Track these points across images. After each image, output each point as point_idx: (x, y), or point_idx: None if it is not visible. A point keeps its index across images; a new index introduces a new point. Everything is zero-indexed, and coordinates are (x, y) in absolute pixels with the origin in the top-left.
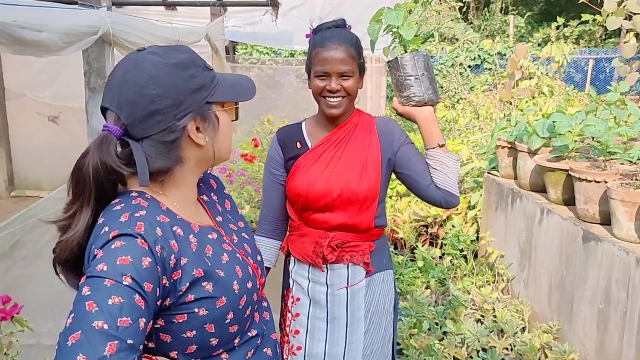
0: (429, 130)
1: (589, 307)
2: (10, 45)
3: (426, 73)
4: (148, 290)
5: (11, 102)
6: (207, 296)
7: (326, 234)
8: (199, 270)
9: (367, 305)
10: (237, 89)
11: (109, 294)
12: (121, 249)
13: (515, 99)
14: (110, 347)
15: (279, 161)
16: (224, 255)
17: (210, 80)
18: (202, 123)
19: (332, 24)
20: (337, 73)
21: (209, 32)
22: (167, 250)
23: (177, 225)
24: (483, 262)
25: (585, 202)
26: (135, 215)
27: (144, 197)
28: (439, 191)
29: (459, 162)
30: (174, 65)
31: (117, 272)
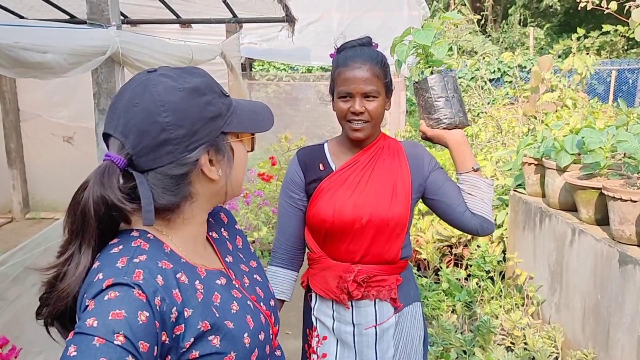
0: (462, 154)
1: (628, 335)
2: (11, 67)
3: (456, 95)
4: (143, 350)
5: (26, 122)
6: (214, 352)
7: (351, 268)
8: (205, 323)
9: (396, 343)
10: (254, 118)
11: (97, 355)
12: (115, 301)
13: (540, 113)
14: None
15: (299, 184)
16: (234, 303)
17: (227, 108)
18: (216, 155)
19: (356, 42)
20: (361, 94)
21: (224, 49)
22: (168, 302)
23: (181, 271)
24: (511, 285)
25: (621, 222)
26: (134, 260)
27: (146, 237)
28: (475, 218)
29: (492, 186)
30: (189, 90)
31: (108, 329)
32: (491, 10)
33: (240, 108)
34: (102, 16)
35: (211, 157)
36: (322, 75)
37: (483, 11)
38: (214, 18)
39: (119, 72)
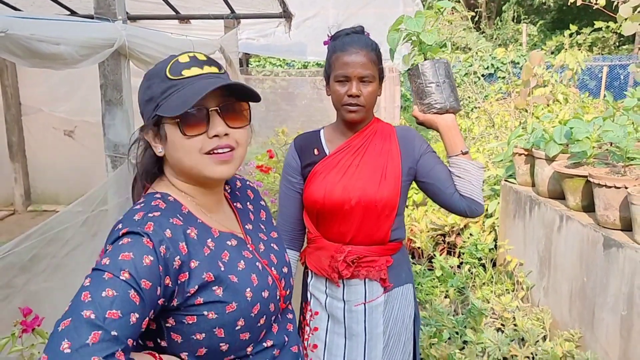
0: (452, 138)
1: (612, 315)
2: (27, 58)
3: (447, 80)
4: (145, 287)
5: (27, 117)
6: (216, 300)
7: (342, 248)
8: (209, 275)
9: (385, 321)
10: (183, 100)
11: (104, 286)
12: (126, 246)
13: (531, 106)
14: (94, 336)
15: (296, 168)
16: (241, 262)
17: (161, 92)
18: (156, 135)
19: (351, 30)
20: (358, 77)
21: (222, 44)
22: (172, 251)
23: (193, 228)
24: (502, 271)
25: (606, 208)
26: (148, 215)
27: (166, 199)
28: (463, 200)
29: (482, 169)
30: (145, 75)
31: (116, 267)
32: (485, 7)
33: (182, 92)
34: (108, 10)
35: (156, 135)
36: (317, 71)
37: (477, 8)
38: (213, 14)
39: (125, 64)
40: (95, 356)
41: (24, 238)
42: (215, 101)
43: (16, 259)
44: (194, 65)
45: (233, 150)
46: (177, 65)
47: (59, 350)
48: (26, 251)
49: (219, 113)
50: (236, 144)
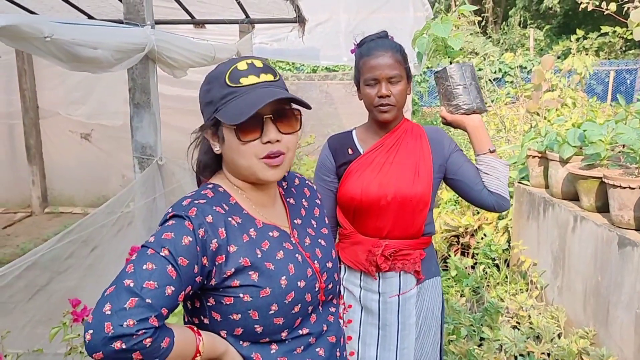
0: (479, 137)
1: (626, 312)
2: (68, 61)
3: (473, 82)
4: (182, 264)
5: (45, 120)
6: (251, 284)
7: (379, 243)
8: (245, 260)
9: (417, 312)
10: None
11: (146, 260)
12: (170, 227)
13: (543, 109)
14: (131, 301)
15: (331, 168)
16: (280, 252)
17: (221, 97)
18: (214, 135)
19: (375, 35)
20: (386, 78)
21: (239, 48)
22: (210, 235)
23: (237, 217)
24: (515, 271)
25: (620, 208)
26: (195, 202)
27: (216, 189)
28: (492, 195)
29: (508, 166)
30: (206, 77)
31: (159, 244)
32: (492, 12)
33: (240, 100)
34: (137, 16)
35: (214, 135)
36: (326, 75)
37: (484, 13)
38: (228, 18)
39: (153, 68)
40: (131, 319)
41: (59, 238)
42: (269, 108)
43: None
44: (251, 74)
45: (283, 155)
46: (236, 72)
47: (102, 312)
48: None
49: (272, 120)
50: (286, 149)
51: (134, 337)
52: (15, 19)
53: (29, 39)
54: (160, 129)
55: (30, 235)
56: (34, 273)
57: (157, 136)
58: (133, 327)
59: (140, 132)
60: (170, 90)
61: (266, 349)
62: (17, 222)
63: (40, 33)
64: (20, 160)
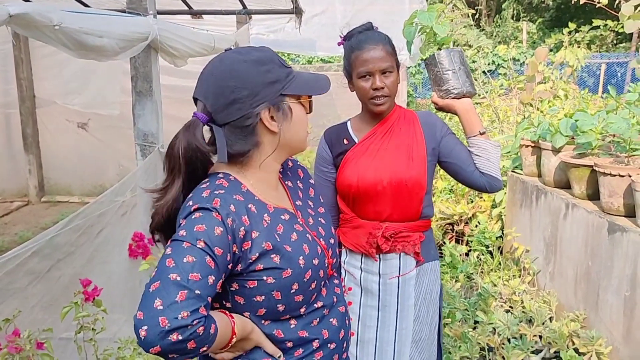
0: (470, 119)
1: (615, 296)
2: (76, 49)
3: (462, 67)
4: (218, 254)
5: (41, 109)
6: (274, 267)
7: (379, 225)
8: (268, 244)
9: (416, 294)
10: (312, 85)
11: (185, 254)
12: (199, 219)
13: (536, 100)
14: (181, 294)
15: (328, 159)
16: (293, 234)
17: (285, 75)
18: (276, 112)
19: (362, 28)
20: (379, 70)
21: (237, 39)
22: (237, 223)
23: (252, 204)
24: (509, 258)
25: (610, 195)
26: (214, 192)
27: (228, 178)
28: (483, 176)
29: (499, 147)
30: (253, 61)
31: (193, 237)
32: (485, 5)
33: (299, 76)
34: (140, 5)
35: (272, 114)
36: (321, 66)
37: (477, 5)
38: (225, 9)
39: (155, 57)
40: (184, 311)
41: (64, 225)
42: None
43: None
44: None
45: None
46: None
47: (153, 307)
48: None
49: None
50: None
51: (189, 327)
52: (26, 7)
53: (39, 27)
54: (162, 117)
55: (28, 224)
56: (35, 260)
57: (158, 124)
58: (188, 319)
59: (142, 120)
60: (169, 80)
61: (286, 325)
62: (14, 211)
63: (50, 21)
64: (17, 149)
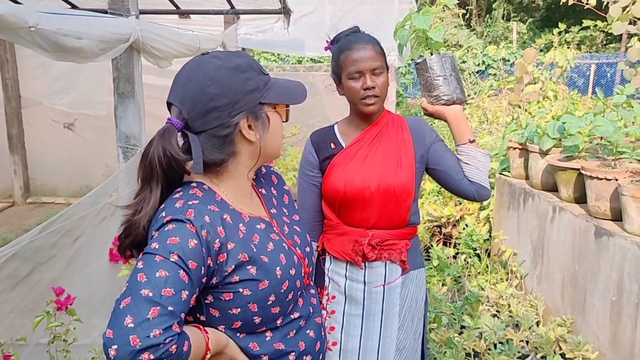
0: (460, 127)
1: (602, 300)
2: (53, 51)
3: (453, 73)
4: (192, 267)
5: (27, 109)
6: (250, 278)
7: (365, 233)
8: (244, 255)
9: (401, 302)
10: (290, 93)
11: (157, 268)
12: (172, 231)
13: (524, 102)
14: (153, 311)
15: (314, 163)
16: (270, 243)
17: (264, 83)
18: (254, 121)
19: (349, 31)
20: (370, 70)
21: (224, 39)
22: (212, 235)
23: (227, 214)
24: (496, 261)
25: (597, 199)
26: (188, 203)
27: (202, 188)
28: (472, 185)
29: (489, 156)
30: (233, 68)
31: (166, 250)
32: (475, 5)
33: (277, 84)
34: (122, 6)
35: (250, 123)
36: (311, 66)
37: (468, 5)
38: (213, 9)
39: (137, 58)
40: (156, 328)
41: (42, 228)
42: None
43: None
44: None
45: None
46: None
47: (123, 325)
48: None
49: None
50: None
51: (162, 346)
52: (0, 8)
53: (13, 28)
54: (144, 119)
55: (12, 225)
56: (15, 264)
57: (141, 126)
58: (160, 337)
59: (124, 122)
60: (155, 80)
61: (262, 338)
62: None
63: (24, 23)
64: (1, 149)
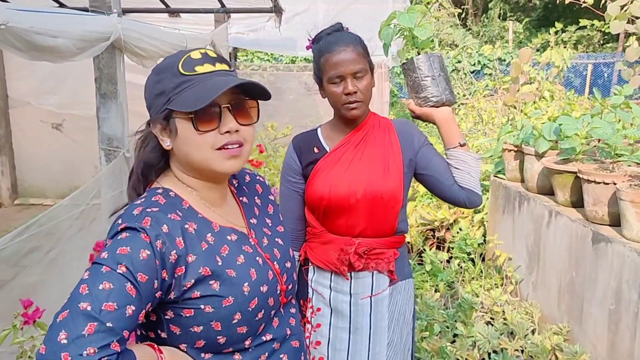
0: (449, 130)
1: (600, 309)
2: (27, 51)
3: (442, 74)
4: (141, 280)
5: (15, 109)
6: (213, 294)
7: (351, 241)
8: (206, 269)
9: (390, 315)
10: (198, 96)
11: (102, 279)
12: (124, 240)
13: (520, 102)
14: (89, 327)
15: (296, 169)
16: (240, 256)
17: (174, 87)
18: (164, 128)
19: (331, 29)
20: (351, 74)
21: (213, 38)
22: (168, 246)
23: (193, 223)
24: (491, 265)
25: (594, 203)
26: (147, 210)
27: (167, 194)
28: (462, 191)
29: (479, 160)
30: (154, 70)
31: (114, 260)
32: (472, 4)
33: (196, 87)
34: (103, 4)
35: (164, 128)
36: (305, 66)
37: (464, 5)
38: (203, 8)
39: (120, 58)
40: (91, 346)
41: (20, 231)
42: (227, 98)
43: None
44: (207, 62)
45: (242, 146)
46: (190, 61)
47: (57, 341)
48: (22, 244)
49: (230, 110)
50: (244, 141)
51: None
52: None
53: None
54: (127, 120)
55: None
56: None
57: (124, 127)
58: (94, 356)
59: (107, 123)
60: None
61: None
62: None
63: None
64: None
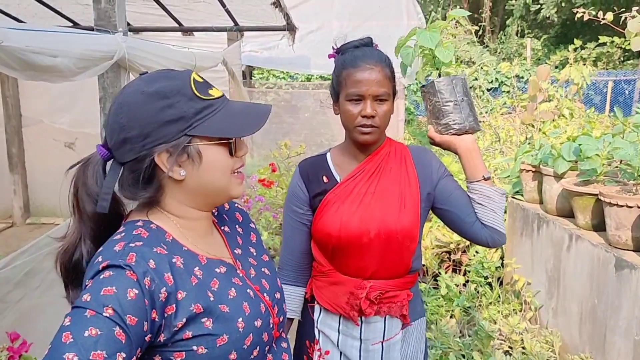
0: (473, 161)
1: (624, 338)
2: (23, 70)
3: (465, 98)
4: (131, 323)
5: (28, 128)
6: (206, 333)
7: (362, 284)
8: (198, 306)
9: (402, 359)
10: (236, 122)
11: (87, 325)
12: (108, 280)
13: (538, 121)
14: None
15: (303, 199)
16: (232, 290)
17: (195, 112)
18: (180, 156)
19: (359, 42)
20: (373, 96)
21: (225, 56)
22: (157, 283)
23: (179, 257)
24: (509, 290)
25: (617, 227)
26: (130, 245)
27: (149, 227)
28: (485, 229)
29: (504, 195)
30: (151, 93)
31: (99, 302)
32: (489, 22)
33: (223, 111)
34: (109, 22)
35: (177, 158)
36: (321, 84)
37: (481, 22)
38: (216, 26)
39: (125, 77)
40: None
41: (19, 254)
42: None
43: (11, 275)
44: (210, 87)
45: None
46: (199, 84)
47: None
48: (22, 266)
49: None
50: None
51: None
52: None
53: None
54: None
55: (9, 247)
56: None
57: None
58: None
59: None
60: None
61: None
62: None
63: None
64: (1, 169)
